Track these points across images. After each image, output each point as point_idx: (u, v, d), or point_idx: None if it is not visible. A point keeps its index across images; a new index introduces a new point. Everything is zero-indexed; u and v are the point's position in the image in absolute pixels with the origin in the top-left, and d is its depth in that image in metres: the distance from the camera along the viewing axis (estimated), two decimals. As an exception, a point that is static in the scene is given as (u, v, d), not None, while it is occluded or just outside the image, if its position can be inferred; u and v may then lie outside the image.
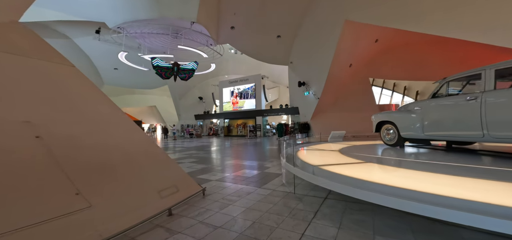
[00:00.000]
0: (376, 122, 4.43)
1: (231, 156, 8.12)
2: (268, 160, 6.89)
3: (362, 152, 3.88)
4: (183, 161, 7.01)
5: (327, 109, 16.68)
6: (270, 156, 7.71)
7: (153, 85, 27.90)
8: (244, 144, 12.67)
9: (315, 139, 11.17)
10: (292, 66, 19.04)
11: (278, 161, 6.53)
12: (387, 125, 4.13)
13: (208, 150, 10.18)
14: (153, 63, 13.45)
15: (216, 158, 7.59)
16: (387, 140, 4.23)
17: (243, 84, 22.28)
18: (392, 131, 4.00)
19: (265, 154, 8.49)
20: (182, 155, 8.31)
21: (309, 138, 15.88)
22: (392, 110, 17.67)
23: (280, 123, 16.57)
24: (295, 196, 3.24)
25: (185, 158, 7.63)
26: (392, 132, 4.01)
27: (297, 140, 11.11)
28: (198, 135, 21.62)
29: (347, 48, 13.84)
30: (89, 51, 19.84)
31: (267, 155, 8.15)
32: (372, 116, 4.68)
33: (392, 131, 4.00)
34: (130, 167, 2.66)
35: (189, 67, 15.09)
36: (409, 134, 3.59)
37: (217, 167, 5.88)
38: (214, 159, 7.46)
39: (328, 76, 14.39)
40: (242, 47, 19.47)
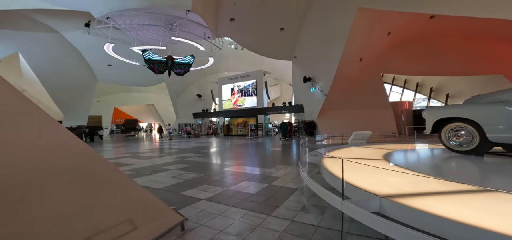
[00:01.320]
0: (434, 120, 3.15)
1: (230, 160, 6.89)
2: (274, 165, 5.66)
3: (429, 165, 2.58)
4: (169, 167, 5.78)
5: (335, 107, 15.41)
6: (275, 161, 6.47)
7: (150, 82, 26.67)
8: (245, 145, 11.43)
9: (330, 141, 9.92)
10: (296, 61, 17.76)
11: (286, 168, 5.30)
12: (456, 123, 2.85)
13: (205, 152, 8.95)
14: (144, 56, 12.22)
15: (212, 164, 6.35)
16: (455, 144, 2.96)
17: (243, 80, 21.03)
18: (466, 131, 2.74)
19: (270, 157, 7.24)
20: (171, 160, 7.08)
21: (316, 138, 14.64)
22: (446, 105, 16.26)
23: (284, 121, 15.33)
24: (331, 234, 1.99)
25: (174, 163, 6.40)
26: (466, 133, 2.74)
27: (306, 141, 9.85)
28: (196, 135, 20.42)
29: (358, 40, 12.55)
30: (80, 47, 18.63)
31: (272, 159, 6.92)
32: (424, 112, 3.42)
33: (467, 132, 2.74)
34: (32, 195, 1.42)
35: (184, 61, 13.84)
36: (505, 137, 2.32)
37: (211, 177, 4.64)
38: (209, 164, 6.22)
39: (337, 71, 13.11)
40: (243, 41, 18.24)
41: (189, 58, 13.88)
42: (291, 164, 5.92)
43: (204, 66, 16.52)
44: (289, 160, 6.67)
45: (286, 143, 12.12)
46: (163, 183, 4.17)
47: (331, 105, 15.22)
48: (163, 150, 9.94)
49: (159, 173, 5.08)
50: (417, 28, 14.05)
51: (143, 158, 7.56)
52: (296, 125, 17.48)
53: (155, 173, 5.04)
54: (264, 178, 4.41)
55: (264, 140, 14.45)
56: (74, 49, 18.61)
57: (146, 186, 3.89)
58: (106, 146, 12.21)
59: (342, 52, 12.33)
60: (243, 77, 21.20)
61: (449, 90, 17.08)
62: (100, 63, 20.64)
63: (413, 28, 13.95)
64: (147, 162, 6.70)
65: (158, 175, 4.88)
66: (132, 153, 9.09)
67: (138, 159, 7.19)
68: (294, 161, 6.27)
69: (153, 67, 12.71)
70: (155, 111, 36.76)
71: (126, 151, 9.61)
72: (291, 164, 5.93)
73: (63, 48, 17.76)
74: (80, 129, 15.52)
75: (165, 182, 4.19)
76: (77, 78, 19.81)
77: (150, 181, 4.32)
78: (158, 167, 5.79)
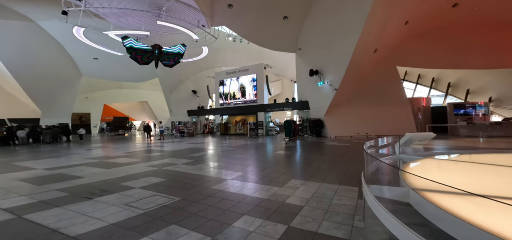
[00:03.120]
0: None
1: (225, 169, 5.15)
2: (287, 180, 3.93)
3: None
4: (134, 183, 4.03)
5: (345, 103, 13.72)
6: (287, 171, 4.75)
7: (142, 77, 24.80)
8: (244, 147, 9.69)
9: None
10: (300, 53, 16.04)
11: (307, 185, 3.58)
12: None
13: (195, 157, 7.20)
14: (125, 44, 10.36)
15: (198, 177, 4.60)
16: None
17: (242, 75, 19.24)
18: None
19: (277, 165, 5.52)
20: (146, 169, 5.32)
21: (324, 137, 12.87)
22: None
23: (288, 120, 13.62)
24: None
25: (146, 175, 4.65)
26: None
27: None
28: (190, 134, 18.62)
29: (375, 27, 10.84)
30: (60, 38, 16.68)
31: (280, 167, 5.19)
32: None
33: None
34: None
35: (174, 51, 11.99)
36: None
37: (190, 205, 2.90)
38: (194, 178, 4.47)
39: (350, 62, 11.40)
40: (242, 30, 16.47)
41: (179, 47, 12.04)
42: (311, 177, 4.20)
43: (198, 57, 14.70)
44: (305, 169, 4.94)
45: (291, 144, 10.40)
46: (94, 221, 2.40)
47: (341, 101, 13.52)
48: (145, 153, 8.16)
49: (109, 194, 3.33)
50: (437, 18, 12.41)
51: (110, 165, 5.79)
52: (300, 123, 15.77)
53: (101, 195, 3.29)
54: (277, 208, 2.68)
55: (265, 140, 12.72)
56: (53, 40, 16.65)
57: (55, 230, 2.15)
58: (76, 149, 10.41)
59: (357, 41, 10.62)
60: (242, 71, 19.41)
61: (469, 85, 15.48)
62: (85, 56, 18.71)
63: (433, 17, 12.30)
64: (109, 172, 4.93)
65: (103, 199, 3.12)
66: (101, 158, 7.30)
67: (100, 169, 5.41)
68: (313, 172, 4.55)
69: (136, 57, 10.85)
70: (148, 108, 34.84)
71: (96, 155, 7.82)
72: (312, 177, 4.20)
73: (39, 39, 15.81)
74: (56, 129, 13.63)
75: (100, 219, 2.44)
76: (58, 72, 17.87)
77: (75, 215, 2.56)
78: (116, 182, 4.04)
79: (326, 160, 6.00)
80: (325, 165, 5.35)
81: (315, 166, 5.32)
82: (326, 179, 4.03)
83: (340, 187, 3.52)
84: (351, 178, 4.12)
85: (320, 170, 4.86)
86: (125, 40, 10.45)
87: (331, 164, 5.51)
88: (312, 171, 4.81)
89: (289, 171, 4.85)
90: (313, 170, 4.85)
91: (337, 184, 3.69)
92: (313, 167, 5.16)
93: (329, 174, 4.47)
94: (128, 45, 10.52)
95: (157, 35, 13.49)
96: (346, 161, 5.87)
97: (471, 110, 13.01)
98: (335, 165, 5.39)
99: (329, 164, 5.52)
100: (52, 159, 6.98)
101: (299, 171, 4.80)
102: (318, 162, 5.75)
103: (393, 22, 11.72)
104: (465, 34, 12.97)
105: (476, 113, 12.99)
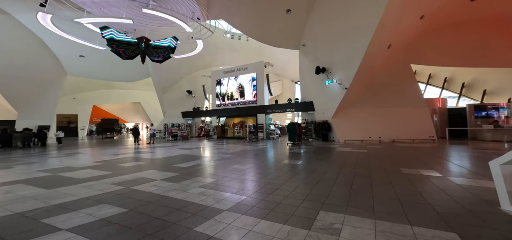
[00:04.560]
0: None
1: (220, 190, 3.69)
2: (316, 213, 2.49)
3: None
4: (79, 212, 2.56)
5: (354, 104, 12.40)
6: (307, 193, 3.31)
7: (133, 77, 23.25)
8: (244, 153, 8.24)
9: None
10: (304, 50, 14.77)
11: (346, 220, 2.10)
12: None
13: (183, 169, 5.74)
14: (104, 35, 8.86)
15: (180, 206, 3.14)
16: None
17: (241, 73, 17.86)
18: None
19: (290, 182, 4.07)
20: (108, 188, 3.86)
21: (332, 142, 11.46)
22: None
23: (292, 122, 12.23)
24: None
25: (102, 202, 3.19)
26: None
27: None
28: (184, 137, 17.08)
29: (391, 20, 9.60)
30: (41, 33, 15.08)
31: (296, 186, 3.75)
32: None
33: None
34: None
35: (164, 45, 10.53)
36: None
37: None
38: (173, 209, 3.02)
39: (364, 57, 10.11)
40: (241, 25, 15.18)
41: (170, 40, 10.58)
42: (350, 206, 2.73)
43: (193, 52, 13.27)
44: (333, 190, 3.49)
45: (296, 150, 8.97)
46: None
47: (351, 102, 12.19)
48: (122, 162, 6.64)
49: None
50: (455, 13, 11.27)
51: (59, 183, 4.29)
52: (304, 126, 14.39)
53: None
54: None
55: (267, 145, 11.27)
56: (33, 35, 15.03)
57: None
58: (43, 155, 8.84)
59: (373, 34, 9.35)
60: (241, 70, 18.04)
61: (486, 85, 14.35)
62: (69, 53, 17.14)
63: (450, 12, 11.16)
64: (44, 196, 3.43)
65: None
66: (58, 170, 5.77)
67: (37, 189, 3.90)
68: (348, 196, 3.11)
69: (117, 50, 9.35)
70: (142, 110, 33.17)
71: (54, 166, 6.28)
72: (352, 206, 2.73)
73: (16, 34, 14.21)
74: (27, 132, 11.98)
75: None
76: (38, 69, 16.24)
77: None
78: (37, 218, 2.55)
79: (353, 174, 4.58)
80: (358, 182, 3.93)
81: (343, 183, 3.90)
82: (377, 211, 2.59)
83: (419, 231, 2.10)
84: (421, 209, 2.69)
85: (355, 191, 3.44)
86: (104, 31, 8.95)
87: (364, 180, 4.10)
88: (343, 192, 3.37)
89: (310, 193, 3.41)
90: (344, 191, 3.42)
91: (407, 224, 2.26)
92: (341, 186, 3.73)
93: (374, 199, 3.05)
94: (108, 36, 9.02)
95: (146, 29, 12.07)
96: (382, 175, 4.46)
97: (493, 112, 11.81)
98: (370, 181, 3.98)
99: (361, 180, 4.10)
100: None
101: (326, 194, 3.36)
102: (344, 177, 4.33)
103: (409, 15, 10.50)
104: (484, 30, 11.84)
105: (499, 115, 11.80)
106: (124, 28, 11.71)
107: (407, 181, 3.99)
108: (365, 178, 4.28)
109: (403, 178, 4.17)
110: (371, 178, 4.26)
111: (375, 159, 6.34)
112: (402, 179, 4.15)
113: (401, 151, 7.89)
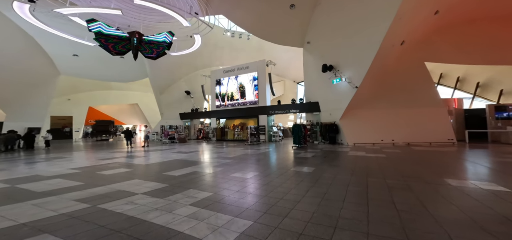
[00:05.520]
0: None
1: (217, 213, 2.77)
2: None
3: None
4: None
5: (364, 104, 11.50)
6: (339, 217, 2.40)
7: (130, 77, 22.39)
8: (246, 158, 7.31)
9: None
10: (309, 48, 13.91)
11: None
12: None
13: (173, 179, 4.85)
14: (91, 29, 8.00)
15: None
16: None
17: (242, 73, 17.01)
18: None
19: (311, 204, 3.15)
20: (67, 207, 3.00)
21: (340, 145, 10.46)
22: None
23: (297, 124, 11.32)
24: None
25: (47, 230, 2.24)
26: None
27: None
28: (181, 140, 16.17)
29: (408, 13, 8.75)
30: (32, 30, 14.23)
31: (317, 208, 2.84)
32: None
33: None
34: None
35: (158, 40, 9.67)
36: None
37: None
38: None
39: (377, 53, 9.24)
40: (242, 21, 14.33)
41: (165, 35, 9.71)
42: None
43: (190, 49, 12.44)
44: (373, 214, 2.57)
45: (304, 154, 8.03)
46: None
47: (361, 102, 11.29)
48: (102, 170, 5.71)
49: None
50: (471, 8, 10.44)
51: (3, 200, 3.37)
52: (309, 128, 13.47)
53: None
54: None
55: (270, 149, 10.33)
56: (22, 33, 14.18)
57: None
58: (21, 160, 7.95)
59: (388, 28, 8.49)
60: (241, 69, 17.19)
61: (503, 85, 13.46)
62: (63, 52, 16.28)
63: (467, 7, 10.33)
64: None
65: None
66: (18, 180, 4.86)
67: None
68: (397, 226, 2.18)
69: (106, 45, 8.48)
70: (139, 111, 32.26)
71: (19, 175, 5.38)
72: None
73: (4, 31, 13.36)
74: (10, 135, 11.09)
75: None
76: (28, 69, 15.38)
77: None
78: None
79: (385, 186, 3.65)
80: (401, 200, 3.00)
81: (379, 200, 2.97)
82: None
83: None
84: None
85: (405, 213, 2.50)
86: (91, 24, 8.08)
87: (407, 196, 3.17)
88: (388, 215, 2.44)
89: (339, 216, 2.48)
90: (389, 214, 2.49)
91: None
92: (381, 206, 2.79)
93: (446, 230, 2.11)
94: (96, 29, 8.15)
95: (141, 26, 11.24)
96: (427, 189, 3.52)
97: (516, 113, 10.91)
98: (418, 199, 3.05)
99: (404, 197, 3.16)
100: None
101: (362, 218, 2.43)
102: (376, 191, 3.40)
103: (425, 9, 9.65)
104: (501, 26, 10.99)
105: (522, 116, 10.89)
106: (116, 24, 10.90)
107: (471, 199, 3.05)
108: (406, 192, 3.35)
109: (461, 195, 3.24)
110: (416, 193, 3.33)
111: (402, 166, 5.41)
112: (461, 195, 3.22)
113: (426, 156, 6.95)
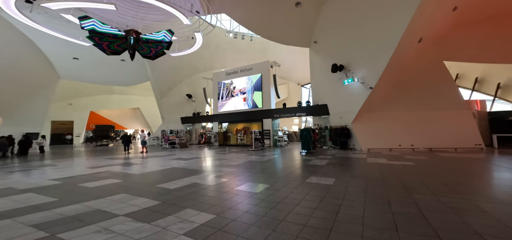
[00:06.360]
0: None
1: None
2: None
3: None
4: None
5: (379, 107, 10.66)
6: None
7: (132, 81, 21.94)
8: (251, 167, 6.51)
9: None
10: (316, 48, 13.20)
11: None
12: None
13: (168, 193, 4.11)
14: (83, 26, 7.41)
15: None
16: None
17: (245, 75, 16.35)
18: None
19: (344, 230, 2.35)
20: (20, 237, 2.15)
21: (352, 150, 9.54)
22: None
23: (306, 128, 10.52)
24: None
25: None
26: None
27: None
28: (182, 145, 15.47)
29: (430, 6, 7.99)
30: (32, 33, 13.87)
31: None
32: None
33: None
34: None
35: (157, 38, 9.06)
36: None
37: None
38: None
39: (395, 50, 8.45)
40: (245, 20, 13.74)
41: (164, 34, 9.10)
42: None
43: (192, 49, 11.84)
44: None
45: (315, 161, 7.17)
46: None
47: (375, 104, 10.46)
48: (87, 181, 4.98)
49: None
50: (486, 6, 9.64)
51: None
52: (316, 129, 12.62)
53: None
54: None
55: (276, 155, 9.50)
56: (21, 35, 13.81)
57: None
58: (9, 168, 7.29)
59: (409, 23, 7.73)
60: (245, 71, 16.55)
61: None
62: (62, 55, 15.91)
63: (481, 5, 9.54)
64: None
65: None
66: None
67: None
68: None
69: (100, 44, 7.88)
70: (141, 116, 31.82)
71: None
72: None
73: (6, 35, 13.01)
74: (2, 140, 10.52)
75: None
76: (26, 72, 14.96)
77: None
78: None
79: (443, 206, 2.82)
80: (479, 223, 2.16)
81: (449, 232, 2.14)
82: None
83: None
84: None
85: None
86: (84, 21, 7.50)
87: (481, 221, 2.33)
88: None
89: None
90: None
91: None
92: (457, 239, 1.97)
93: None
94: (89, 27, 7.57)
95: (140, 26, 10.70)
96: (493, 207, 2.68)
97: (546, 115, 9.91)
98: (496, 221, 2.21)
99: (480, 221, 2.33)
100: None
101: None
102: (434, 213, 2.56)
103: (442, 6, 8.86)
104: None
105: (553, 119, 9.88)
106: (113, 24, 10.38)
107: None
108: (477, 213, 2.51)
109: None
110: (489, 214, 2.48)
111: (443, 177, 4.55)
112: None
113: (462, 164, 6.05)
